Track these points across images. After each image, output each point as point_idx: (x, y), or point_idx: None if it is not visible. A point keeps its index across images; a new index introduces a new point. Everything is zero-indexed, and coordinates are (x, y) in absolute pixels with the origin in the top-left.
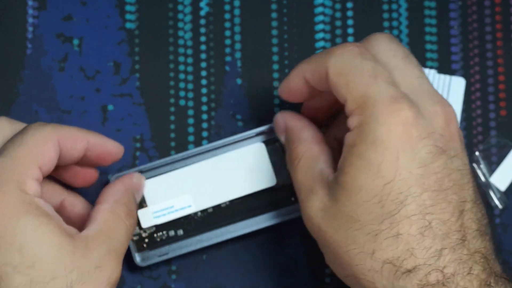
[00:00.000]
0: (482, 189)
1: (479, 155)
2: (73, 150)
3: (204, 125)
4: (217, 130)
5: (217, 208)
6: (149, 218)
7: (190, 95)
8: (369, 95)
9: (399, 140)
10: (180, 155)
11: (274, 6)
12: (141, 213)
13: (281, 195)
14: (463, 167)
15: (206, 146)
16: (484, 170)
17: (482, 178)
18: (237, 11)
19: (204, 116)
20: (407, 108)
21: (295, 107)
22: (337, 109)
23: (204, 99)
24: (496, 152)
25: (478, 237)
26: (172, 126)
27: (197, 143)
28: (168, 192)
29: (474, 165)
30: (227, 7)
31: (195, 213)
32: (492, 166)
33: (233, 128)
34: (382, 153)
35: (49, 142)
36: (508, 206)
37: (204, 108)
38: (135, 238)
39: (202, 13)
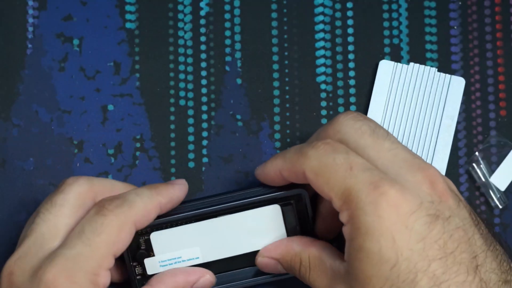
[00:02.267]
0: (482, 189)
1: (479, 155)
2: (146, 223)
3: (204, 125)
4: (217, 130)
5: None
6: (155, 266)
7: (190, 95)
8: (350, 187)
9: (390, 222)
10: (197, 212)
11: (274, 6)
12: (148, 261)
13: None
14: (463, 222)
15: (219, 206)
16: (484, 170)
17: (482, 178)
18: (237, 11)
19: (204, 116)
20: (389, 189)
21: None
22: None
23: (204, 99)
24: (496, 152)
25: (503, 287)
26: (172, 126)
27: (197, 143)
28: (177, 243)
29: (474, 165)
30: (227, 7)
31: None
32: (492, 166)
33: (233, 128)
34: (378, 240)
35: (126, 227)
36: (508, 206)
37: (204, 108)
38: (138, 277)
39: (202, 13)
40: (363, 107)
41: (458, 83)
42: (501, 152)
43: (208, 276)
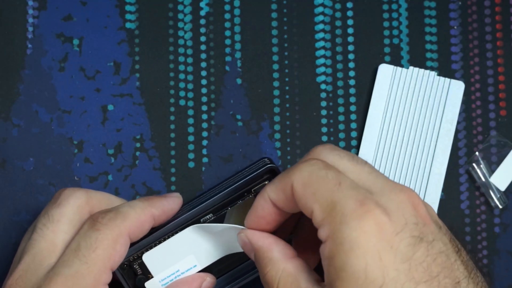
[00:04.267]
0: (482, 189)
1: (479, 155)
2: (141, 234)
3: (204, 125)
4: (217, 130)
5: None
6: (157, 287)
7: (190, 95)
8: (336, 201)
9: (376, 240)
10: (176, 221)
11: (274, 6)
12: (149, 284)
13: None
14: (445, 248)
15: (201, 206)
16: (484, 170)
17: (482, 178)
18: (237, 11)
19: (204, 116)
20: (375, 207)
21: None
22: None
23: (204, 99)
24: (496, 152)
25: None
26: (172, 126)
27: (197, 143)
28: (171, 257)
29: (474, 165)
30: (227, 7)
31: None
32: (492, 166)
33: (233, 128)
34: (364, 257)
35: (121, 240)
36: (508, 206)
37: (204, 108)
38: None
39: (202, 13)
40: (363, 107)
41: (457, 87)
42: (501, 152)
43: (208, 279)
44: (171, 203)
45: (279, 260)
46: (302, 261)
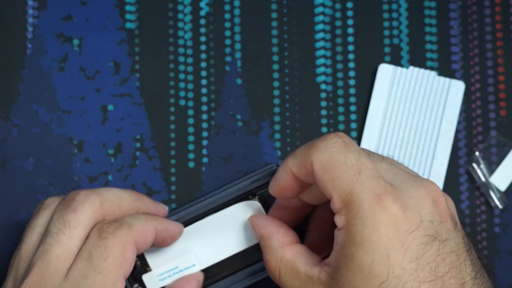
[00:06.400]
0: (482, 189)
1: (479, 155)
2: (144, 246)
3: (204, 125)
4: (217, 130)
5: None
6: (154, 282)
7: (190, 95)
8: (354, 193)
9: (388, 238)
10: (178, 213)
11: (274, 6)
12: (146, 277)
13: None
14: (457, 247)
15: (204, 201)
16: (484, 170)
17: (482, 178)
18: (237, 11)
19: (204, 116)
20: (392, 204)
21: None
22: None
23: (204, 99)
24: (496, 152)
25: None
26: (172, 126)
27: (197, 143)
28: (171, 253)
29: (474, 165)
30: (227, 7)
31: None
32: (492, 166)
33: (233, 128)
34: (371, 254)
35: (129, 247)
36: (508, 206)
37: (204, 108)
38: None
39: (202, 13)
40: (363, 107)
41: (457, 87)
42: (501, 152)
43: (201, 278)
44: (174, 225)
45: (277, 249)
46: (301, 246)
